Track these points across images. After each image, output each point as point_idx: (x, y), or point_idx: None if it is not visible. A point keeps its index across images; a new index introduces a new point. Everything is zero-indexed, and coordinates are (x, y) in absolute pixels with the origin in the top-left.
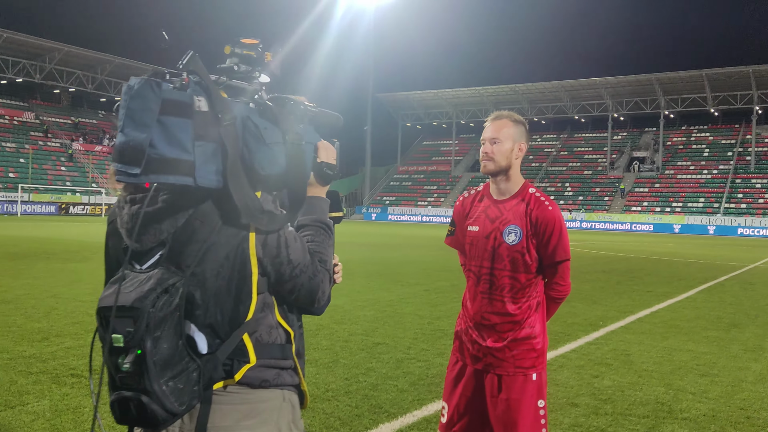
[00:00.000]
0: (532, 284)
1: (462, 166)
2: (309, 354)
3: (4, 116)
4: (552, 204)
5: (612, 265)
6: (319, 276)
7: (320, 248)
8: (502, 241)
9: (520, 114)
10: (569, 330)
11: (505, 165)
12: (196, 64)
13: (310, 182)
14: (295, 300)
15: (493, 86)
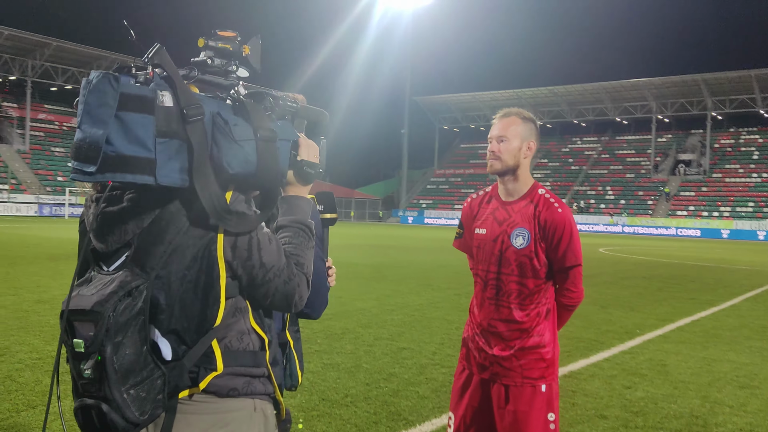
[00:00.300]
0: (541, 290)
1: None
2: (331, 358)
3: (54, 122)
4: (562, 206)
5: (654, 271)
6: (294, 280)
7: (298, 251)
8: (510, 245)
9: (559, 116)
10: (603, 338)
11: (513, 164)
12: (161, 57)
13: (290, 181)
14: (270, 305)
15: (531, 88)
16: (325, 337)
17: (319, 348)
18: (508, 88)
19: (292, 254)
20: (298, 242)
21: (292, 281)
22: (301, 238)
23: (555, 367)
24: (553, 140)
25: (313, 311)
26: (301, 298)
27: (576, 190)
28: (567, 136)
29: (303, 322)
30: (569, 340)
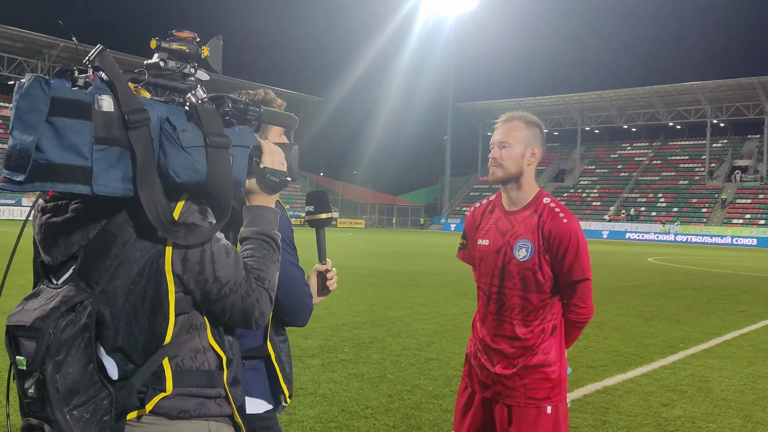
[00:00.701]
0: (546, 305)
1: (545, 176)
2: (357, 368)
3: None
4: (568, 215)
5: (705, 282)
6: (253, 295)
7: (260, 264)
8: (513, 257)
9: (608, 121)
10: (643, 352)
11: (516, 172)
12: (103, 59)
13: (253, 190)
14: (229, 321)
15: (578, 93)
16: (353, 346)
17: (345, 357)
18: (553, 94)
19: (253, 268)
20: (261, 255)
21: (251, 297)
22: (265, 251)
23: (562, 387)
24: (602, 146)
25: (293, 319)
26: (262, 314)
27: (625, 197)
28: (616, 141)
29: (332, 329)
30: (607, 354)
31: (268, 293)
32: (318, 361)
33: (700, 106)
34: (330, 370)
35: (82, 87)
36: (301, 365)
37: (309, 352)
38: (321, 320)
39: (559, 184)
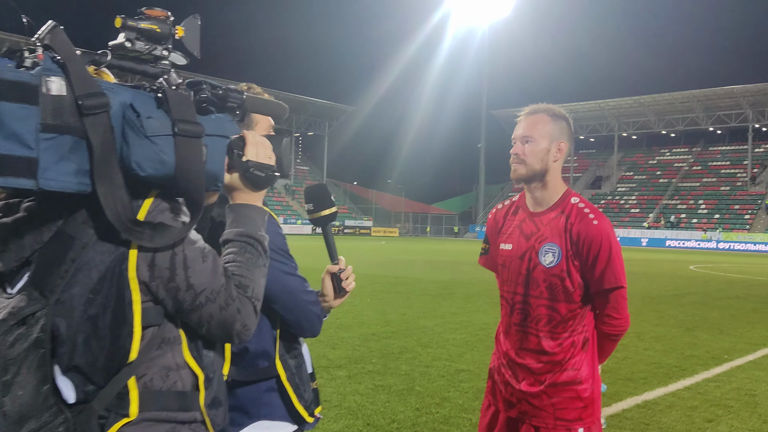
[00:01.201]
0: (576, 316)
1: (581, 183)
2: (384, 379)
3: None
4: (599, 216)
5: (749, 290)
6: (233, 305)
7: (242, 270)
8: (538, 263)
9: (646, 127)
10: (686, 364)
11: (540, 169)
12: (54, 37)
13: (236, 186)
14: (207, 334)
15: (615, 99)
16: (381, 357)
17: (372, 368)
18: (589, 99)
19: (235, 274)
20: (244, 260)
21: (230, 307)
22: (249, 255)
23: (595, 407)
24: (640, 152)
25: (302, 331)
26: (245, 326)
27: (665, 204)
28: (654, 147)
29: (361, 339)
30: (647, 366)
31: (251, 303)
32: (344, 372)
33: (741, 110)
34: (356, 381)
35: (29, 68)
36: (327, 376)
37: (336, 363)
38: (350, 330)
39: (595, 191)
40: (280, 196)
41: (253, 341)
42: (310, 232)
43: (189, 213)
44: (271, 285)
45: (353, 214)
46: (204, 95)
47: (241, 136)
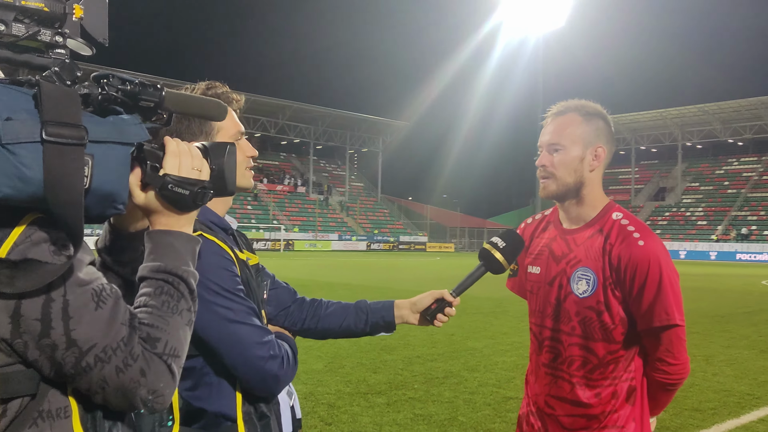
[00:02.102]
0: (618, 360)
1: (644, 195)
2: (425, 408)
3: None
4: (647, 236)
5: None
6: (135, 366)
7: (153, 318)
8: (570, 291)
9: (711, 136)
10: (760, 391)
11: (574, 182)
12: None
13: (153, 208)
14: (105, 403)
15: (677, 107)
16: (424, 382)
17: (414, 395)
18: (650, 109)
19: (143, 324)
20: (158, 304)
21: (131, 368)
22: (165, 297)
23: None
24: (705, 162)
25: (253, 391)
26: (155, 392)
27: (734, 215)
28: (721, 156)
29: (404, 362)
30: (716, 394)
31: (163, 362)
32: (383, 399)
33: None
34: (395, 410)
35: None
36: (364, 404)
37: (376, 389)
38: (394, 352)
39: (659, 203)
40: (335, 212)
41: (212, 400)
42: (365, 249)
43: (67, 242)
44: (214, 335)
45: (408, 230)
46: (103, 91)
47: (161, 144)
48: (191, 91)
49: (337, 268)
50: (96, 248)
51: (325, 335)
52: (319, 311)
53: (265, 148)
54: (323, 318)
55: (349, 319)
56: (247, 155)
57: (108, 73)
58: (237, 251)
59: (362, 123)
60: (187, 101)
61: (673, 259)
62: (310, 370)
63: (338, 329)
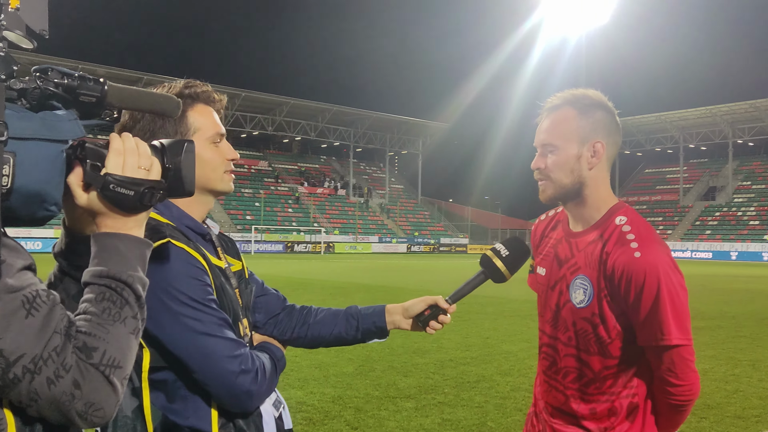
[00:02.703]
0: (616, 375)
1: (693, 194)
2: (454, 413)
3: (243, 165)
4: (646, 244)
5: None
6: (67, 378)
7: (91, 327)
8: (568, 299)
9: (764, 133)
10: None
11: (571, 183)
12: None
13: (97, 210)
14: (39, 415)
15: (727, 104)
16: (455, 386)
17: (443, 399)
18: (698, 106)
19: (81, 332)
20: (99, 311)
21: (63, 380)
22: (107, 304)
23: None
24: (757, 160)
25: (225, 406)
26: (92, 405)
27: None
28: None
29: (436, 366)
30: (761, 401)
31: (101, 372)
32: (412, 404)
33: None
34: (423, 414)
35: None
36: (392, 408)
37: (405, 392)
38: (426, 355)
39: (709, 203)
40: (375, 214)
41: (187, 414)
42: (405, 251)
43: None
44: (182, 348)
45: (449, 232)
46: (35, 85)
47: (104, 141)
48: (168, 88)
49: (377, 270)
50: (53, 252)
51: (315, 343)
52: (308, 319)
53: (306, 151)
54: (312, 325)
55: (339, 325)
56: (228, 158)
57: (47, 66)
58: (213, 258)
59: (402, 125)
60: (134, 96)
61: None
62: (341, 373)
63: (329, 336)
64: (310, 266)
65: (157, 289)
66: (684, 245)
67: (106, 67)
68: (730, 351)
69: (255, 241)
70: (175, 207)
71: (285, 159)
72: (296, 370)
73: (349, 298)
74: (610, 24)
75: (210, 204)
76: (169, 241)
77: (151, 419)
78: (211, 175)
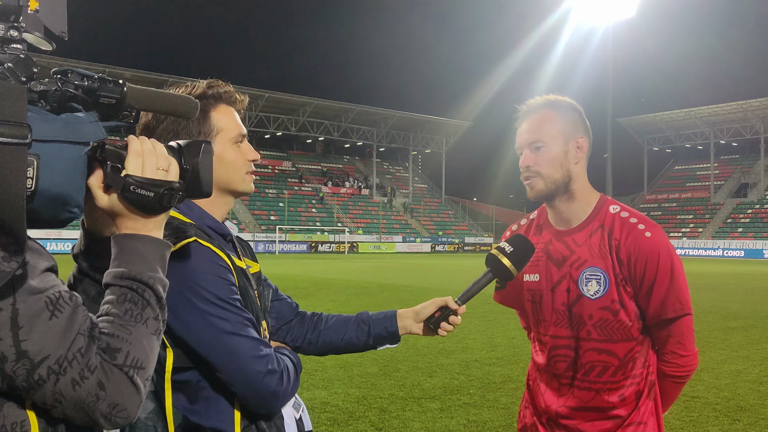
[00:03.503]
0: (637, 357)
1: (724, 191)
2: (480, 414)
3: (267, 166)
4: (651, 226)
5: None
6: (92, 378)
7: (114, 328)
8: (580, 294)
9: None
10: None
11: (561, 178)
12: None
13: (118, 211)
14: (63, 417)
15: (759, 99)
16: (480, 387)
17: (469, 400)
18: (728, 101)
19: (104, 334)
20: (120, 312)
21: (87, 381)
22: (129, 306)
23: None
24: None
25: (250, 407)
26: (116, 406)
27: None
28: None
29: (461, 366)
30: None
31: (125, 374)
32: (437, 405)
33: None
34: (449, 415)
35: None
36: (417, 409)
37: (430, 393)
38: (451, 355)
39: (741, 200)
40: (399, 214)
41: (209, 415)
42: (429, 251)
43: (11, 252)
44: (208, 348)
45: (473, 231)
46: (55, 88)
47: (123, 143)
48: (191, 89)
49: (401, 270)
50: (72, 254)
51: (326, 350)
52: (319, 325)
53: (329, 151)
54: (324, 331)
55: (350, 331)
56: (249, 159)
57: (67, 68)
58: (235, 258)
59: (425, 124)
60: (152, 98)
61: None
62: (365, 373)
63: (340, 342)
64: (334, 266)
65: (184, 287)
66: (715, 243)
67: (132, 71)
68: (765, 351)
69: (279, 241)
70: (196, 207)
71: (308, 159)
72: (321, 370)
73: (373, 297)
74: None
75: (230, 204)
76: (196, 240)
77: (173, 421)
78: (233, 176)
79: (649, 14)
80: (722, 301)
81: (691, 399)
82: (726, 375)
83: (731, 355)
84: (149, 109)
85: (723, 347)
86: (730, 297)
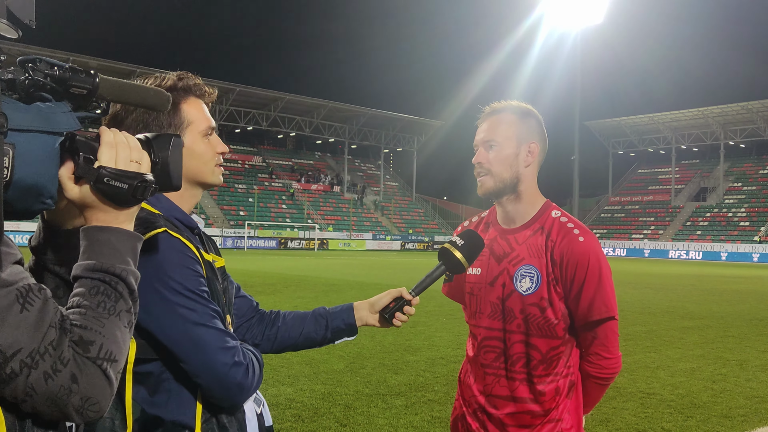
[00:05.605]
0: (560, 355)
1: (684, 195)
2: (444, 410)
3: (237, 161)
4: (585, 233)
5: None
6: (64, 372)
7: (86, 320)
8: (513, 289)
9: (755, 135)
10: None
11: (510, 177)
12: None
13: (89, 203)
14: (33, 411)
15: (719, 106)
16: (445, 383)
17: (433, 397)
18: (690, 107)
19: (76, 326)
20: (94, 304)
21: (60, 374)
22: (101, 298)
23: None
24: (748, 161)
25: (215, 400)
26: (88, 399)
27: None
28: (765, 156)
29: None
30: (747, 400)
31: (98, 366)
32: (402, 401)
33: None
34: (413, 412)
35: None
36: (382, 405)
37: (395, 390)
38: (418, 353)
39: (700, 204)
40: (369, 212)
41: (170, 407)
42: (398, 248)
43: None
44: (175, 338)
45: (443, 230)
46: (24, 77)
47: (96, 134)
48: (161, 80)
49: (370, 267)
50: (29, 246)
51: (285, 346)
52: (277, 322)
53: (300, 147)
54: (281, 327)
55: (308, 326)
56: (218, 151)
57: (35, 57)
58: (203, 251)
59: (397, 122)
60: (125, 89)
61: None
62: (331, 370)
63: (298, 338)
64: (303, 263)
65: (152, 278)
66: (675, 245)
67: (97, 59)
68: (719, 350)
69: (248, 236)
70: (165, 199)
71: (279, 155)
72: (286, 366)
73: (341, 294)
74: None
75: (198, 197)
76: (166, 231)
77: (131, 413)
78: (203, 168)
79: (617, 20)
80: (680, 301)
81: (646, 396)
82: (681, 373)
83: (687, 354)
84: (121, 101)
85: (679, 346)
86: (688, 297)
